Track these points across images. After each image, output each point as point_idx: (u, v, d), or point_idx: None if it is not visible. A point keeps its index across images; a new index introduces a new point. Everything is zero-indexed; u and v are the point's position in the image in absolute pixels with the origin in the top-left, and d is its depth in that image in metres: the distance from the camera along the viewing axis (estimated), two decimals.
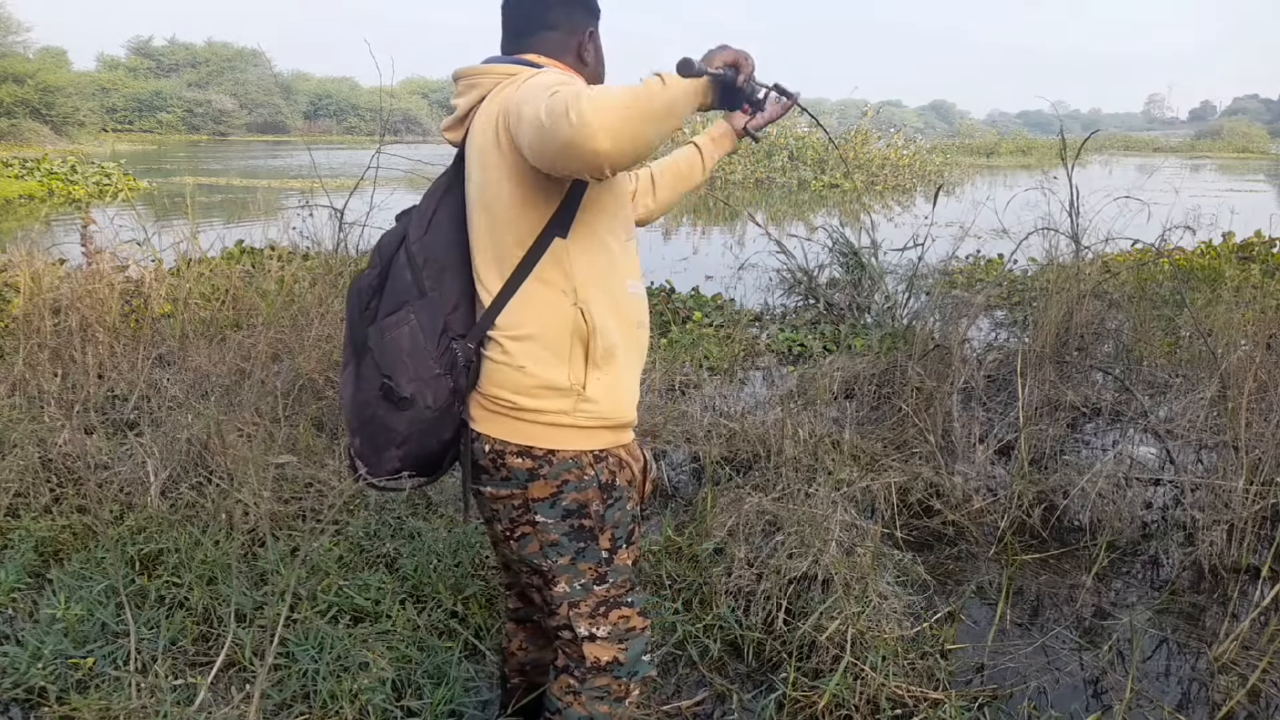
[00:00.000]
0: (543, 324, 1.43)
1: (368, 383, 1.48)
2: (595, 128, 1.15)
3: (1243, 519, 2.76)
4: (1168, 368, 4.08)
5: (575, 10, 1.54)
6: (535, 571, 1.53)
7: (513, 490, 1.48)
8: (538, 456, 1.45)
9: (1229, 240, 6.75)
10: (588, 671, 1.54)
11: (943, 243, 6.00)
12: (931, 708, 2.03)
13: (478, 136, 1.42)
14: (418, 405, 1.44)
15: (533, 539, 1.50)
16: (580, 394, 1.44)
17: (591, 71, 1.56)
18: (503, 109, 1.36)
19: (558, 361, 1.43)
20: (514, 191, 1.38)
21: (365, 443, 1.50)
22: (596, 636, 1.53)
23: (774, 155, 19.02)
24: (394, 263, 1.51)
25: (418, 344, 1.44)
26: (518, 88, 1.34)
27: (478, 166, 1.42)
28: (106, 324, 4.00)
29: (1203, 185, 19.39)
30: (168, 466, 2.86)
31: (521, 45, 1.53)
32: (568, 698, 1.56)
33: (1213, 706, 2.14)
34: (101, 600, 2.28)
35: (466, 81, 1.48)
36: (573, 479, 1.46)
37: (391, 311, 1.47)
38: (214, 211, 11.25)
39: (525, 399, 1.43)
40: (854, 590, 2.28)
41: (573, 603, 1.52)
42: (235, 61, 50.75)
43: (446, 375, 1.45)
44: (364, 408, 1.49)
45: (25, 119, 28.86)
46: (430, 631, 2.25)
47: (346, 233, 4.83)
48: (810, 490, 2.83)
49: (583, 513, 1.48)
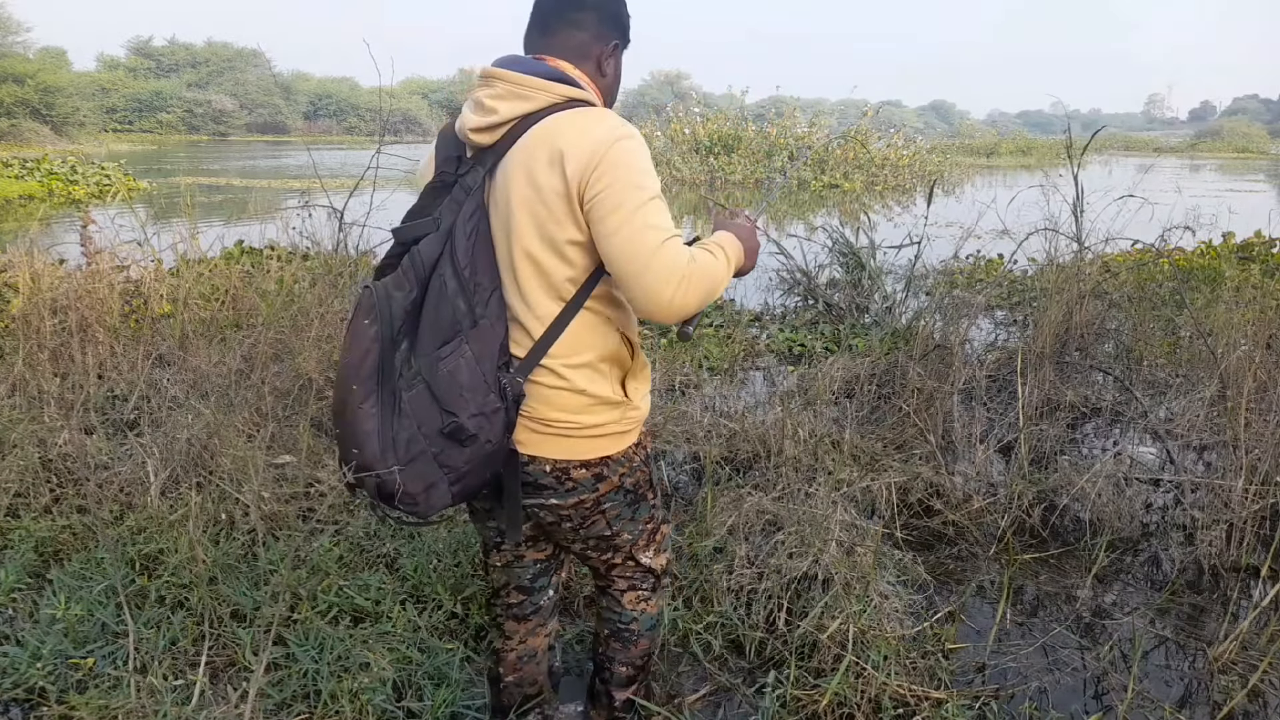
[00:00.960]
0: (597, 349, 1.51)
1: (415, 420, 1.41)
2: (680, 311, 1.40)
3: (1242, 519, 2.76)
4: (1168, 368, 4.08)
5: (606, 19, 1.56)
6: (599, 539, 1.68)
7: (582, 497, 1.59)
8: (597, 464, 1.57)
9: (1229, 240, 6.74)
10: (657, 580, 1.79)
11: (944, 243, 6.01)
12: (933, 707, 2.03)
13: (532, 168, 1.41)
14: (479, 440, 1.43)
15: (601, 520, 1.65)
16: (627, 403, 1.57)
17: (607, 85, 1.59)
18: (583, 178, 1.37)
19: (608, 380, 1.54)
20: (577, 237, 1.42)
21: (412, 480, 1.42)
22: (652, 554, 1.76)
23: (774, 155, 19.02)
24: (433, 285, 1.42)
25: (475, 377, 1.42)
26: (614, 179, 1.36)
27: (541, 198, 1.41)
28: (106, 324, 4.00)
29: (1203, 185, 19.39)
30: (168, 466, 2.86)
31: (547, 42, 1.53)
32: (641, 605, 1.78)
33: (1213, 706, 2.14)
34: (101, 600, 2.28)
35: (509, 88, 1.44)
36: (627, 470, 1.63)
37: (445, 341, 1.41)
38: (214, 211, 11.24)
39: (584, 417, 1.52)
40: (855, 590, 2.28)
41: (634, 543, 1.72)
42: (235, 61, 50.75)
43: (504, 408, 1.45)
44: (410, 444, 1.41)
45: (25, 119, 28.86)
46: (431, 632, 2.25)
47: (346, 233, 4.83)
48: (810, 490, 2.83)
49: (638, 487, 1.67)
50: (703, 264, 1.42)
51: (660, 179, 1.47)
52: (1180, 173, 23.89)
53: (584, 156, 1.37)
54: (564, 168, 1.38)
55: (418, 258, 1.43)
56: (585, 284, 1.46)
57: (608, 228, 1.37)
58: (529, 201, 1.42)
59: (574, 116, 1.42)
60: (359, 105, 50.22)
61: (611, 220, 1.37)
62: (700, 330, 5.17)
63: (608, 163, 1.36)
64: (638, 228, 1.36)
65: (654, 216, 1.39)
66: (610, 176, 1.36)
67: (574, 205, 1.40)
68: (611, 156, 1.37)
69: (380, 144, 4.80)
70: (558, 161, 1.38)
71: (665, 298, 1.37)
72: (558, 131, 1.40)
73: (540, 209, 1.41)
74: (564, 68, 1.50)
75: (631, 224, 1.36)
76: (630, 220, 1.36)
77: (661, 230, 1.38)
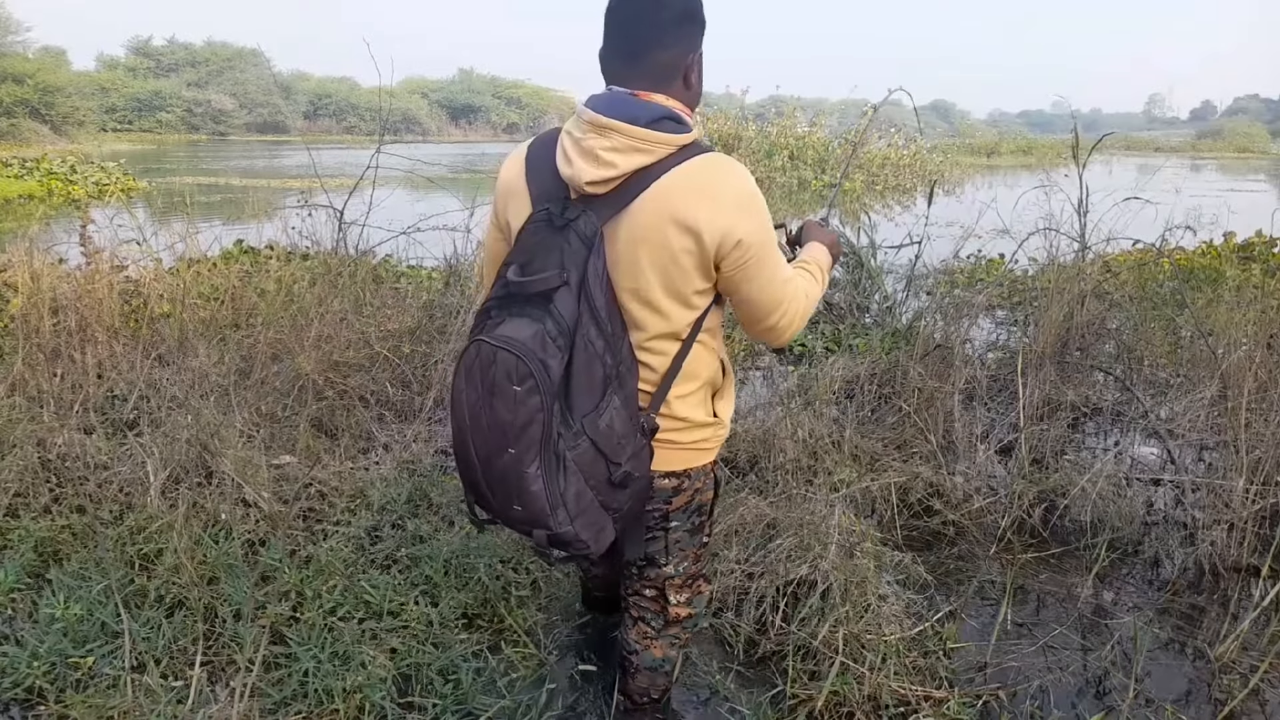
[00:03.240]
0: (702, 378, 1.62)
1: (578, 474, 1.46)
2: (789, 338, 1.63)
3: (1243, 519, 2.76)
4: (1168, 368, 4.08)
5: (689, 26, 1.52)
6: (649, 561, 1.77)
7: (658, 505, 1.69)
8: (679, 475, 1.67)
9: (1230, 240, 6.73)
10: (667, 624, 1.84)
11: (944, 243, 6.00)
12: (934, 706, 2.03)
13: (661, 229, 1.44)
14: (635, 478, 1.54)
15: (662, 540, 1.74)
16: (718, 422, 1.68)
17: (694, 94, 1.57)
18: (719, 244, 1.45)
19: (704, 405, 1.65)
20: (703, 286, 1.52)
21: (585, 528, 1.49)
22: (680, 601, 1.82)
23: (774, 155, 19.01)
24: (578, 344, 1.43)
25: (626, 424, 1.50)
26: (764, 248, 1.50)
27: (667, 252, 1.46)
28: (106, 324, 3.99)
29: (1203, 185, 19.39)
30: (168, 466, 2.85)
31: (635, 71, 1.49)
32: (645, 642, 1.86)
33: (1215, 706, 2.14)
34: (101, 600, 2.28)
35: (628, 140, 1.42)
36: (703, 485, 1.73)
37: (600, 398, 1.46)
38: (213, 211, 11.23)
39: (680, 434, 1.63)
40: (852, 594, 2.27)
41: (670, 579, 1.79)
42: (235, 61, 50.69)
43: (647, 444, 1.56)
44: (579, 498, 1.47)
45: (25, 119, 28.84)
46: (445, 627, 2.25)
47: (345, 232, 4.82)
48: (809, 493, 2.83)
49: (702, 511, 1.76)
50: (810, 294, 1.64)
51: None
52: (1181, 172, 23.89)
53: (719, 223, 1.44)
54: (698, 232, 1.44)
55: (561, 321, 1.42)
56: (698, 321, 1.56)
57: (749, 284, 1.52)
58: (658, 260, 1.47)
59: (699, 172, 1.45)
60: (359, 105, 50.17)
61: (753, 280, 1.52)
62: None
63: (741, 228, 1.45)
64: (775, 282, 1.54)
65: (781, 267, 1.56)
66: (747, 240, 1.46)
67: (707, 263, 1.48)
68: (743, 223, 1.46)
69: (380, 144, 4.81)
70: (689, 227, 1.43)
71: (788, 335, 1.61)
72: (686, 193, 1.43)
73: (672, 267, 1.47)
74: (660, 101, 1.49)
75: (773, 281, 1.54)
76: (772, 278, 1.53)
77: (788, 280, 1.57)
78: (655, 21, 1.48)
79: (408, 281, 5.19)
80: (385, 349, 3.86)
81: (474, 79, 59.89)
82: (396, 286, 4.94)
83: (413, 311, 4.24)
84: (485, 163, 18.83)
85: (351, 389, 3.61)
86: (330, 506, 2.84)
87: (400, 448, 3.30)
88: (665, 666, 1.90)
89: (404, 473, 3.09)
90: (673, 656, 1.90)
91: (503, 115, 55.48)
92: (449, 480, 3.02)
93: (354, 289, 4.38)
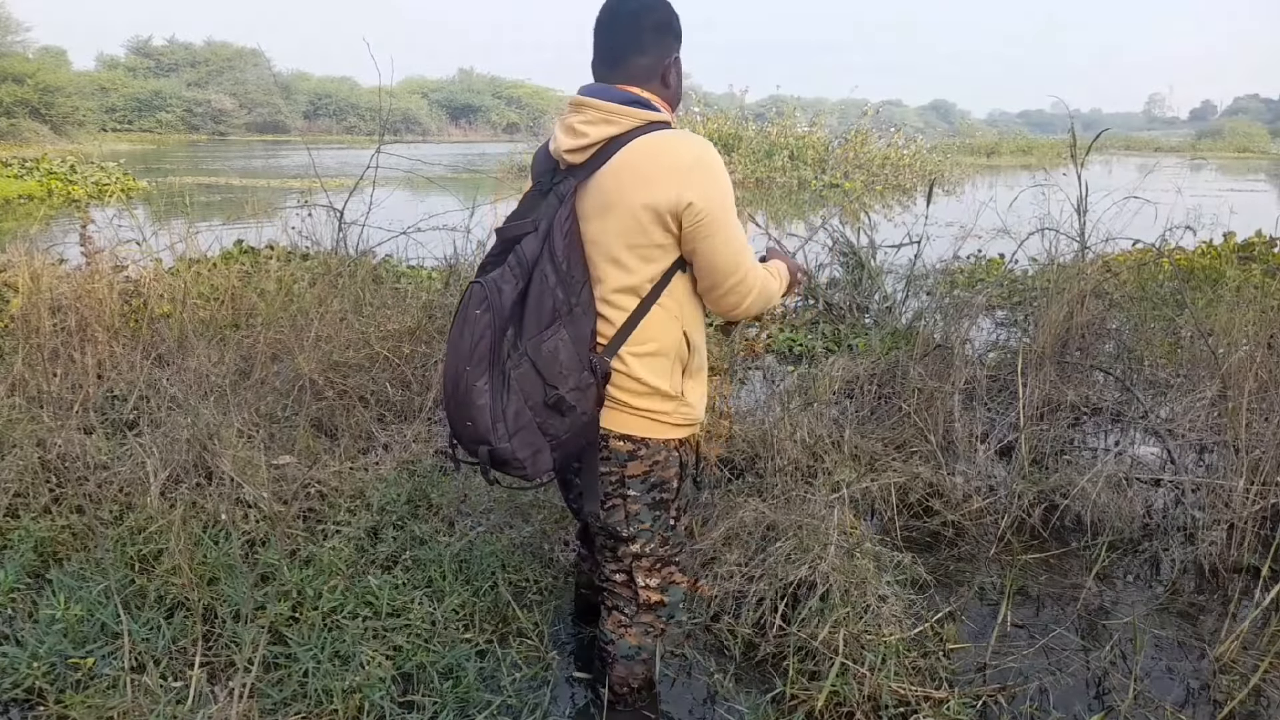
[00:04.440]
0: (661, 343, 1.72)
1: (519, 393, 1.63)
2: (750, 311, 1.77)
3: (1243, 519, 2.76)
4: (1169, 368, 4.08)
5: (663, 36, 1.74)
6: (613, 535, 1.85)
7: (612, 468, 1.78)
8: (637, 441, 1.76)
9: (1230, 240, 6.73)
10: (640, 610, 1.91)
11: (944, 242, 6.00)
12: (934, 706, 2.03)
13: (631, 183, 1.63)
14: (577, 412, 1.66)
15: (620, 510, 1.81)
16: (681, 399, 1.77)
17: (672, 93, 1.78)
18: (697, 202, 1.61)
19: (666, 374, 1.74)
20: (663, 240, 1.66)
21: (521, 447, 1.64)
22: (650, 585, 1.89)
23: (774, 155, 19.01)
24: (535, 278, 1.64)
25: (572, 356, 1.64)
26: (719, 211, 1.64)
27: (626, 207, 1.63)
28: (106, 324, 3.99)
29: (1203, 185, 19.38)
30: (168, 466, 2.85)
31: (616, 72, 1.72)
32: (620, 630, 1.93)
33: (1214, 706, 2.14)
34: (101, 601, 2.28)
35: (598, 114, 1.66)
36: (661, 460, 1.80)
37: (546, 326, 1.63)
38: (213, 211, 11.23)
39: (638, 400, 1.73)
40: (852, 596, 2.27)
41: (638, 558, 1.86)
42: (235, 61, 50.68)
43: (596, 384, 1.68)
44: (518, 416, 1.63)
45: (25, 119, 28.82)
46: (449, 625, 2.26)
47: (345, 232, 4.82)
48: (808, 494, 2.83)
49: (663, 488, 1.82)
50: (768, 284, 1.79)
51: None
52: (1181, 172, 23.88)
53: (672, 184, 1.60)
54: (653, 192, 1.60)
55: (522, 255, 1.65)
56: (660, 282, 1.69)
57: (705, 243, 1.65)
58: (620, 216, 1.64)
59: (658, 140, 1.64)
60: (359, 105, 50.15)
61: (709, 239, 1.65)
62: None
63: (693, 191, 1.60)
64: (734, 245, 1.68)
65: (740, 238, 1.69)
66: (698, 202, 1.61)
67: (664, 220, 1.63)
68: (695, 185, 1.61)
69: (380, 143, 4.81)
70: (647, 187, 1.61)
71: (747, 304, 1.74)
72: (646, 155, 1.63)
73: (630, 222, 1.63)
74: (637, 93, 1.70)
75: (729, 243, 1.67)
76: (729, 241, 1.67)
77: (746, 251, 1.71)
78: (633, 30, 1.71)
79: (408, 281, 5.18)
80: (385, 349, 3.85)
81: (474, 79, 59.93)
82: (396, 286, 4.94)
83: (413, 312, 4.24)
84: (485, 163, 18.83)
85: (351, 389, 3.61)
86: (330, 507, 2.84)
87: (400, 448, 3.30)
88: (641, 655, 1.95)
89: (404, 473, 3.09)
90: (648, 645, 1.95)
91: (503, 115, 55.47)
92: (449, 481, 3.02)
93: (354, 289, 4.38)
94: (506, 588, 2.42)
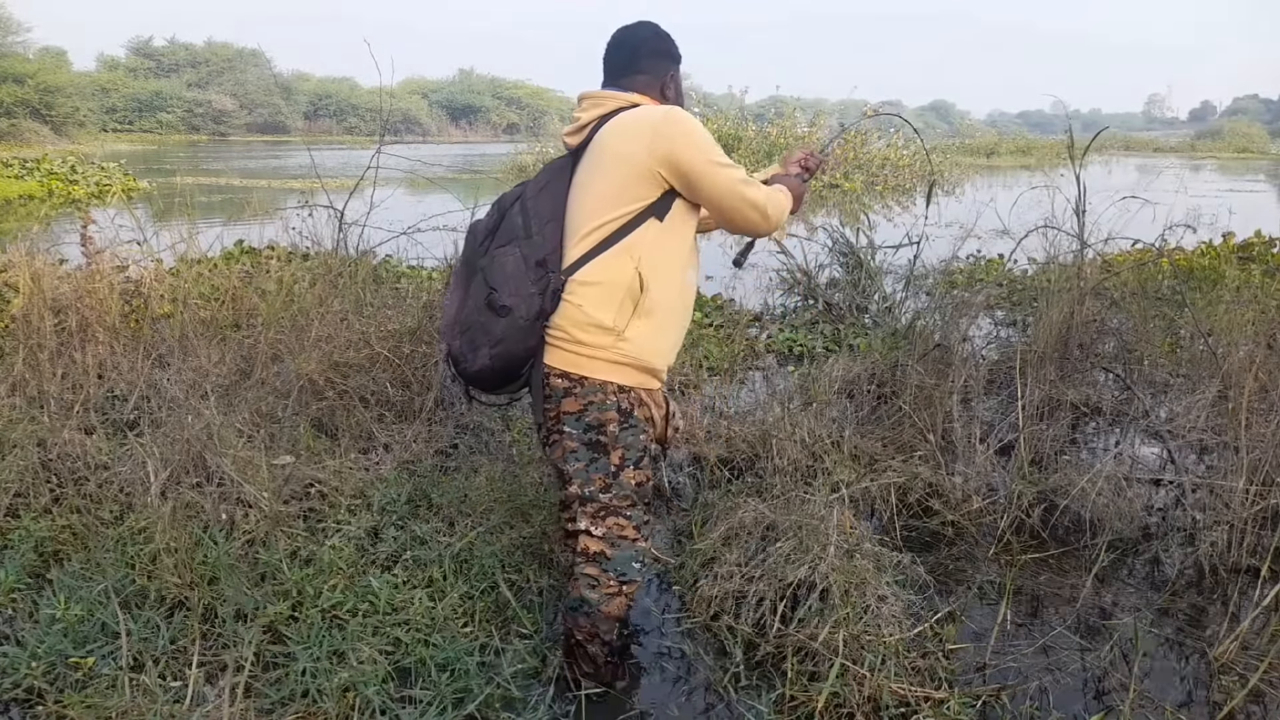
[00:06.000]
0: (607, 277, 1.86)
1: (474, 299, 1.88)
2: (772, 223, 2.00)
3: (1243, 520, 2.76)
4: (1169, 368, 4.08)
5: (660, 59, 2.05)
6: (559, 473, 1.98)
7: (551, 405, 1.92)
8: (573, 379, 1.89)
9: (1229, 240, 6.73)
10: (579, 558, 1.98)
11: (944, 243, 6.00)
12: (934, 706, 2.03)
13: (610, 141, 1.90)
14: (514, 315, 1.84)
15: (559, 445, 1.94)
16: (620, 335, 1.87)
17: (672, 103, 2.03)
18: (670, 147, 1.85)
19: (608, 307, 1.86)
20: (635, 190, 1.87)
21: (465, 344, 1.89)
22: (592, 533, 1.96)
23: (774, 155, 19.01)
24: (508, 212, 1.94)
25: (519, 269, 1.85)
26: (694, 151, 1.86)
27: (602, 163, 1.89)
28: (106, 324, 4.00)
29: (1203, 185, 19.37)
30: (168, 466, 2.85)
31: (620, 84, 2.01)
32: (570, 583, 2.02)
33: (1213, 706, 2.14)
34: (101, 600, 2.28)
35: (591, 101, 1.98)
36: (596, 401, 1.89)
37: (503, 245, 1.90)
38: (213, 211, 11.23)
39: (578, 332, 1.86)
40: (851, 596, 2.27)
41: (582, 501, 1.95)
42: (235, 61, 50.62)
43: (539, 295, 1.85)
44: (468, 317, 1.89)
45: (25, 119, 28.78)
46: (449, 621, 2.26)
47: (346, 232, 4.82)
48: (808, 494, 2.83)
49: (600, 430, 1.90)
50: (773, 196, 2.00)
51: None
52: (1181, 172, 23.87)
53: (648, 131, 1.85)
54: (633, 141, 1.86)
55: (503, 200, 2.00)
56: (625, 227, 1.87)
57: (706, 184, 1.88)
58: (602, 166, 1.89)
59: (638, 109, 1.93)
60: (359, 105, 50.11)
61: (703, 179, 1.86)
62: (700, 330, 5.17)
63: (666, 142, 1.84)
64: (728, 177, 1.89)
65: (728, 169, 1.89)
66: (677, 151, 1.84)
67: (642, 170, 1.85)
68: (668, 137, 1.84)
69: (380, 144, 4.81)
70: (625, 137, 1.87)
71: (765, 223, 1.98)
72: (628, 118, 1.91)
73: (613, 172, 1.87)
74: (637, 98, 1.99)
75: (722, 175, 1.88)
76: (719, 174, 1.87)
77: (743, 178, 1.91)
78: (635, 52, 2.03)
79: (408, 282, 5.18)
80: (385, 349, 3.85)
81: (474, 79, 59.82)
82: (397, 287, 4.94)
83: (413, 312, 4.23)
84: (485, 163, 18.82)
85: (352, 389, 3.61)
86: (331, 507, 2.84)
87: (400, 448, 3.30)
88: (584, 609, 1.99)
89: (404, 473, 3.09)
90: (591, 599, 1.97)
91: (503, 116, 55.44)
92: (449, 481, 3.02)
93: (354, 289, 4.37)
94: (507, 587, 2.42)
